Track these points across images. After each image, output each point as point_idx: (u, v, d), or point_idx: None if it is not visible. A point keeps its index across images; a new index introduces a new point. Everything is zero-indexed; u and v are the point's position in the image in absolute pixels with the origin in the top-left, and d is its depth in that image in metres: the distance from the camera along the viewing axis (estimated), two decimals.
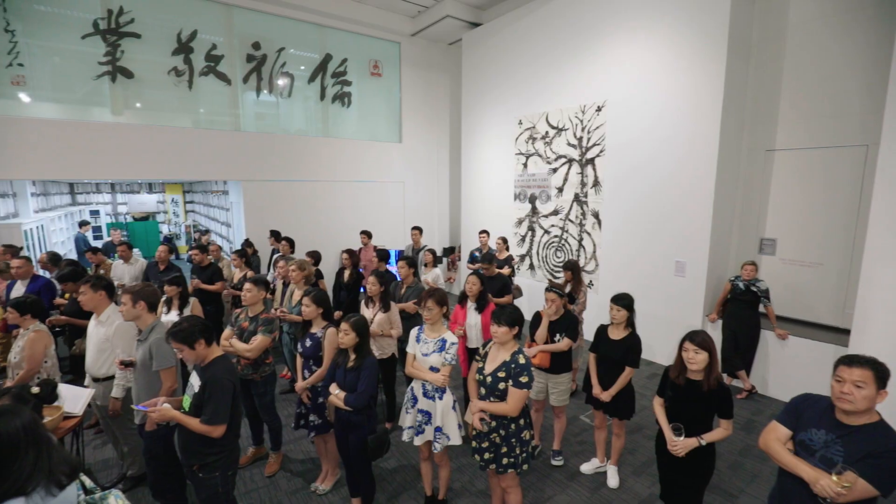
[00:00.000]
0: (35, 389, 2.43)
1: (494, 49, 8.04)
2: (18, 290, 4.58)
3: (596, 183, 6.53)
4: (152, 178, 7.61)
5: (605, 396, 3.30)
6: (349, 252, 5.26)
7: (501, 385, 2.58)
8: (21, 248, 5.86)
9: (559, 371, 3.62)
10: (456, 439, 2.99)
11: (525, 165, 7.67)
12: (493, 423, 2.66)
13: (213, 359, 2.46)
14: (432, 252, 5.44)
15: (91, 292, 2.98)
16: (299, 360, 3.31)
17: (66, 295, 4.34)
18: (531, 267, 7.76)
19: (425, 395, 2.98)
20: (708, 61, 5.14)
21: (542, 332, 3.60)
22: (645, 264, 5.98)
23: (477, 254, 6.64)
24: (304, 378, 3.24)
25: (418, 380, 3.00)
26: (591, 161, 6.56)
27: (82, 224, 8.96)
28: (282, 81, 7.82)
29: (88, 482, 1.97)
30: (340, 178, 8.46)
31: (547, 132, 7.20)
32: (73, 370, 4.39)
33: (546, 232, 7.41)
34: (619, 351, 3.29)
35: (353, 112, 8.71)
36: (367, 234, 6.87)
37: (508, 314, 2.61)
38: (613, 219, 6.36)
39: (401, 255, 5.65)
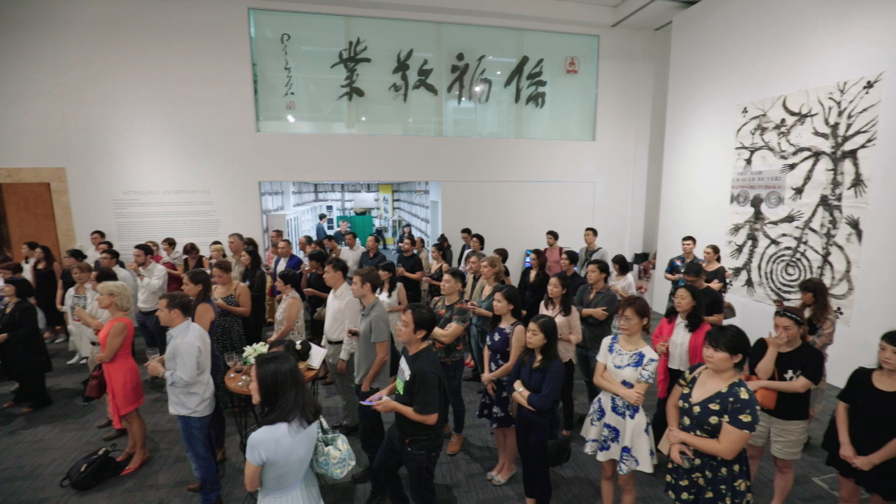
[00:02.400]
0: (298, 346, 3.15)
1: (713, 28, 6.94)
2: (281, 265, 6.01)
3: (857, 182, 5.04)
4: (372, 179, 9.02)
5: (863, 463, 2.52)
6: (537, 252, 5.27)
7: (713, 419, 2.21)
8: (282, 233, 7.67)
9: (789, 416, 2.92)
10: (646, 466, 2.71)
11: (748, 161, 6.43)
12: (698, 461, 2.31)
13: (420, 350, 2.65)
14: (620, 259, 5.01)
15: (332, 272, 3.72)
16: (486, 353, 3.46)
17: (309, 270, 5.50)
18: (748, 283, 6.48)
19: (614, 409, 2.77)
20: None
21: (767, 364, 2.96)
22: None
23: (678, 263, 5.88)
24: (491, 370, 3.38)
25: (607, 392, 2.81)
26: (852, 153, 5.09)
27: (321, 216, 11.25)
28: (479, 88, 8.30)
29: (325, 424, 2.44)
30: (530, 178, 8.56)
31: (783, 120, 5.89)
32: (314, 331, 5.54)
33: (774, 242, 6.08)
34: (891, 407, 2.47)
35: (546, 112, 8.69)
36: (553, 235, 6.78)
37: (730, 338, 2.22)
38: (882, 229, 4.82)
39: (590, 259, 5.39)
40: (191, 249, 6.28)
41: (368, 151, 7.91)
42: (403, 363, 2.65)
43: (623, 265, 4.92)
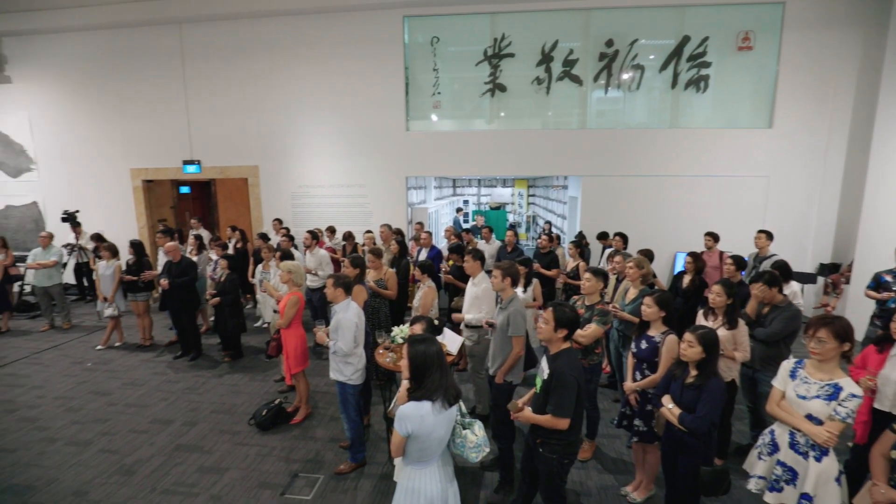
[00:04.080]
0: (436, 322, 3.39)
1: None
2: (422, 255, 6.43)
3: None
4: (510, 174, 9.08)
5: None
6: (693, 256, 4.71)
7: None
8: (424, 225, 8.18)
9: None
10: None
11: None
12: None
13: (561, 350, 2.54)
14: (781, 265, 4.13)
15: (471, 261, 3.88)
16: (630, 360, 3.23)
17: (450, 262, 5.76)
18: None
19: (793, 447, 2.34)
20: None
21: None
22: None
23: (888, 278, 4.68)
24: (635, 380, 3.14)
25: (784, 425, 2.39)
26: None
27: (458, 210, 11.70)
28: (629, 75, 7.68)
29: (464, 408, 2.54)
30: (684, 172, 7.66)
31: None
32: (451, 320, 5.81)
33: None
34: None
35: (708, 97, 7.66)
36: (712, 237, 5.96)
37: None
38: None
39: (759, 266, 4.62)
40: (348, 237, 7.11)
41: (508, 146, 7.95)
42: (544, 361, 2.61)
43: (785, 272, 4.06)
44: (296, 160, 8.40)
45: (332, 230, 7.66)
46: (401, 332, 3.61)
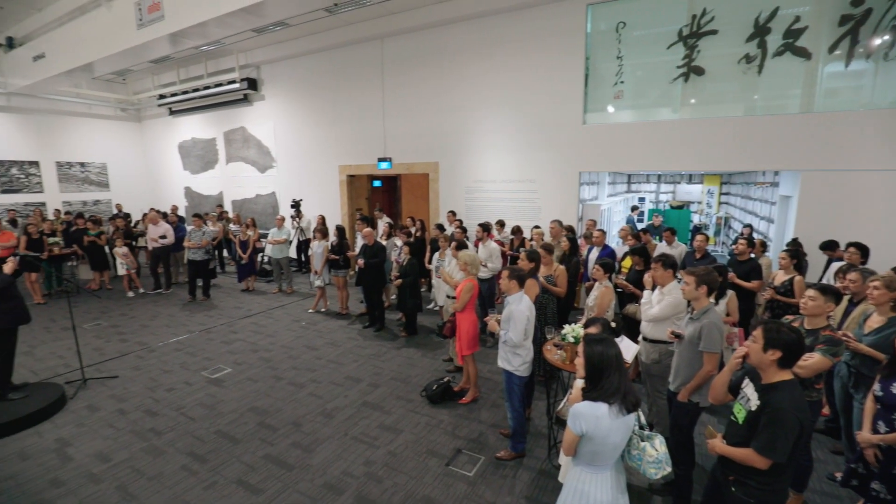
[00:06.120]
0: (612, 324, 3.24)
1: None
2: (594, 253, 6.15)
3: None
4: (701, 169, 7.97)
5: None
6: None
7: None
8: (596, 223, 7.80)
9: None
10: None
11: None
12: None
13: (781, 381, 2.11)
14: None
15: (662, 270, 3.53)
16: (870, 405, 2.56)
17: (627, 265, 5.37)
18: None
19: None
20: None
21: None
22: None
23: None
24: (876, 431, 2.48)
25: None
26: None
27: (633, 208, 10.80)
28: (881, 39, 5.92)
29: (643, 418, 2.38)
30: None
31: None
32: (625, 328, 5.45)
33: None
34: None
35: None
36: None
37: None
38: None
39: None
40: (517, 231, 7.24)
41: (700, 137, 6.97)
42: (750, 388, 2.23)
43: None
44: (471, 156, 8.87)
45: (501, 224, 7.89)
46: (572, 330, 3.54)
